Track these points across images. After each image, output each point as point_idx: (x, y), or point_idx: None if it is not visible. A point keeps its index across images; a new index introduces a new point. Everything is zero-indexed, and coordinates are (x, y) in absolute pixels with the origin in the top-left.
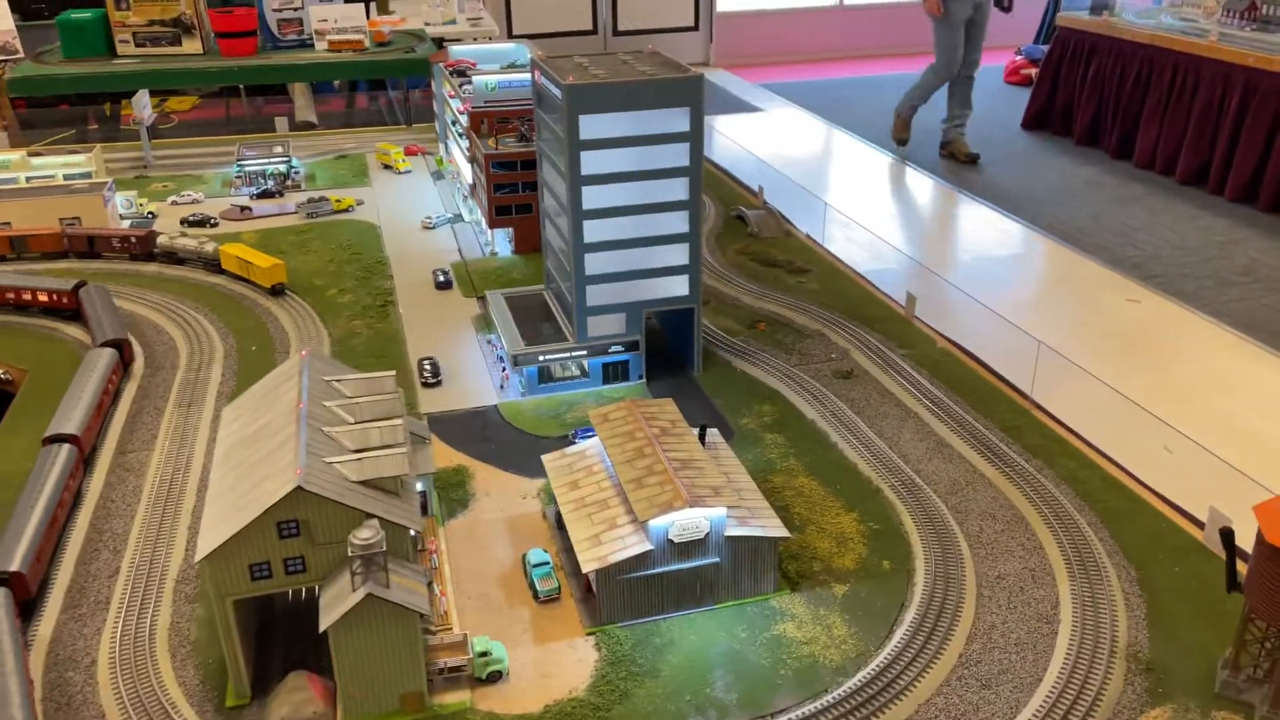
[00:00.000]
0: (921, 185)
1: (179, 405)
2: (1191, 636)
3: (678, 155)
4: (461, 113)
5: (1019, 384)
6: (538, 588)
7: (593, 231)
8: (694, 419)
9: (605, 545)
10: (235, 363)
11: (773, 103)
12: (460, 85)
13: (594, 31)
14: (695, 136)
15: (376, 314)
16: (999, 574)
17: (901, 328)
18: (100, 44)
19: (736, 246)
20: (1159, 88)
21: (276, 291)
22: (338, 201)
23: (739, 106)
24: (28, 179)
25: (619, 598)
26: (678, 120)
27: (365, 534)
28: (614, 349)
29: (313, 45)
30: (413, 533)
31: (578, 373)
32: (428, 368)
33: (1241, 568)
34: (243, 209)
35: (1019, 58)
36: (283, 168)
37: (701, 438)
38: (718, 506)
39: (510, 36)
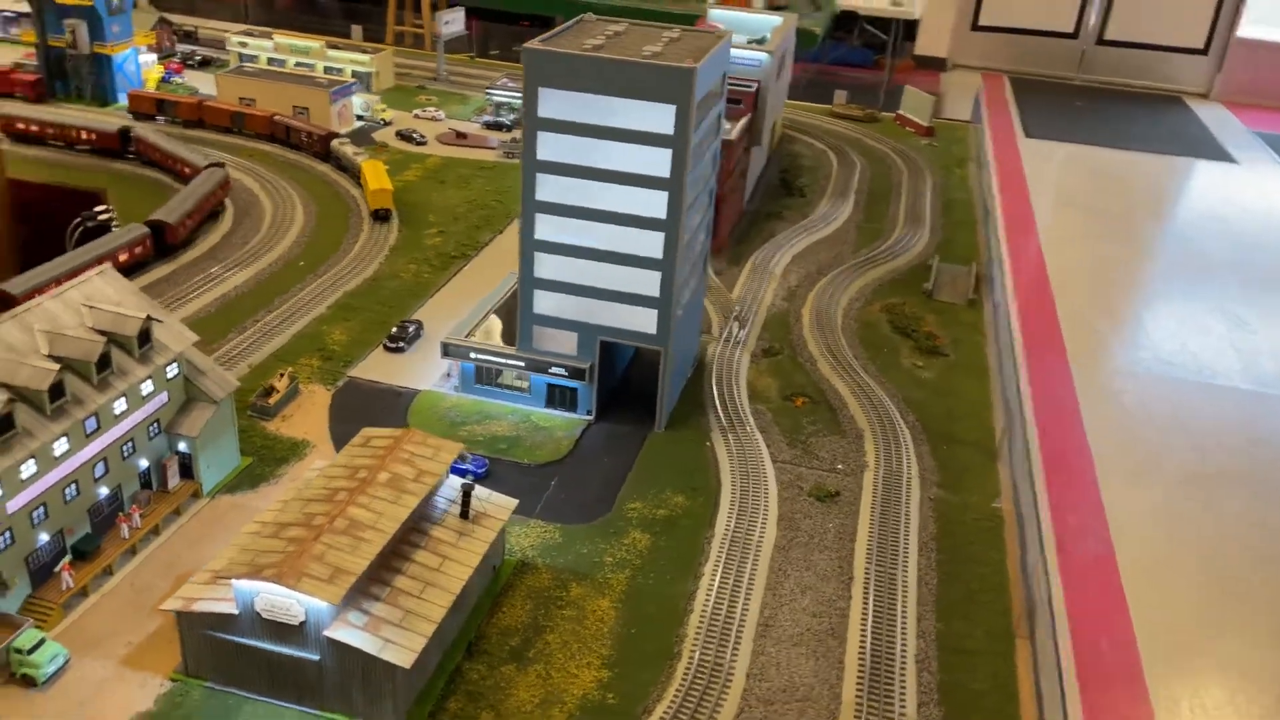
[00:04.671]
0: None
1: (168, 303)
2: None
3: (656, 162)
4: None
5: (1032, 585)
6: None
7: (546, 228)
8: (598, 481)
9: (211, 588)
10: (272, 270)
11: (1255, 154)
12: None
13: (1074, 35)
14: (680, 142)
15: (439, 264)
16: None
17: (978, 463)
18: None
19: (891, 300)
20: None
21: (380, 216)
22: None
23: (1205, 151)
24: (297, 64)
25: (204, 653)
26: (660, 118)
27: None
28: (554, 370)
29: None
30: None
31: (523, 386)
32: (410, 331)
33: None
34: (459, 135)
35: None
36: None
37: (465, 504)
38: (320, 597)
39: (974, 28)
